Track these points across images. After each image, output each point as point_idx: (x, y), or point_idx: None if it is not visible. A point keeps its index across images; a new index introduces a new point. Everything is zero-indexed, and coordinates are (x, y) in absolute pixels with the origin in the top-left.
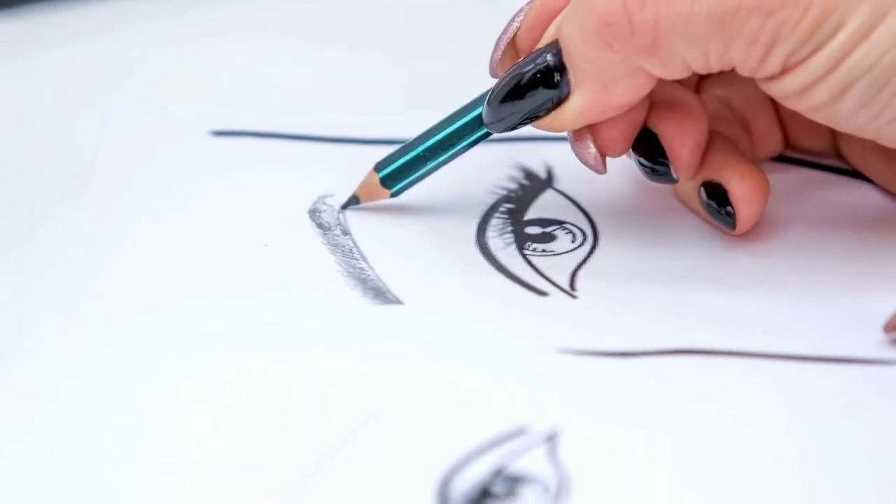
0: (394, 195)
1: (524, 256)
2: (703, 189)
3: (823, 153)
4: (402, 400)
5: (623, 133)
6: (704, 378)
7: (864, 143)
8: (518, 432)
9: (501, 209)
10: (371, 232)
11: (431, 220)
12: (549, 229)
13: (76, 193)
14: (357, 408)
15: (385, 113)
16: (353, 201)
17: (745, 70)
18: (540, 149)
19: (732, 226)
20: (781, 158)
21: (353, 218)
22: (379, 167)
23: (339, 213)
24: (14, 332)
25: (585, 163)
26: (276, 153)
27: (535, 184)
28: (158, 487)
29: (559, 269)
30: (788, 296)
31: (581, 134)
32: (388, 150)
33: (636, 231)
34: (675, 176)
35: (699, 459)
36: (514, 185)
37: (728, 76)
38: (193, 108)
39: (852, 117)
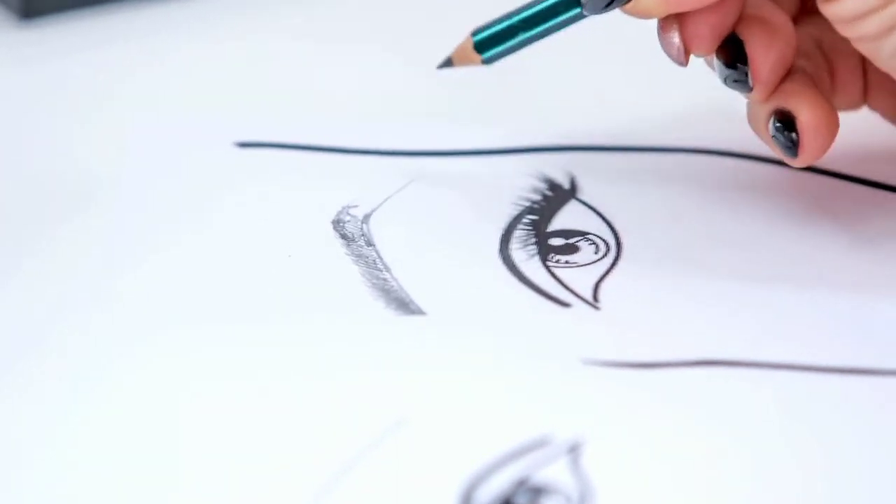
0: (486, 62)
1: (547, 268)
2: (773, 115)
3: (894, 116)
4: (425, 410)
5: (710, 31)
6: (727, 389)
7: None
8: (541, 443)
9: (525, 220)
10: (394, 243)
11: (455, 232)
12: (572, 240)
13: (97, 204)
14: (379, 418)
15: (410, 123)
16: (447, 63)
17: None
18: (564, 159)
19: (795, 153)
20: (806, 168)
21: (376, 229)
22: (475, 32)
23: (362, 224)
24: (31, 344)
25: (668, 54)
26: (301, 164)
27: (558, 195)
28: (188, 493)
29: (582, 280)
30: (815, 307)
31: (668, 24)
32: (412, 161)
33: (660, 242)
34: (750, 85)
35: (721, 471)
36: (537, 196)
37: (822, 19)
38: (218, 120)
39: (894, 56)
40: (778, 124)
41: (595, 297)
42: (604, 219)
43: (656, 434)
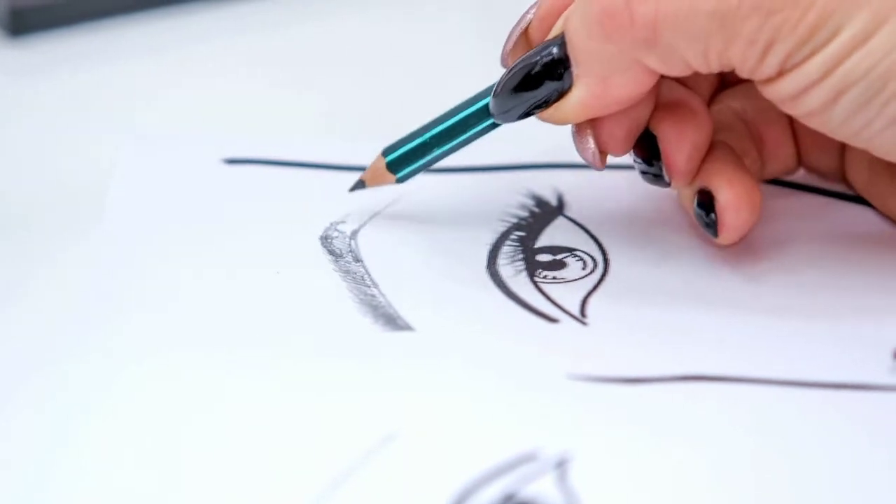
0: (399, 181)
1: (535, 284)
2: (696, 196)
3: (832, 174)
4: (413, 426)
5: (624, 131)
6: (714, 405)
7: (869, 166)
8: (528, 458)
9: (512, 237)
10: (383, 259)
11: (443, 248)
12: (559, 256)
13: (83, 221)
14: (368, 434)
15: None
16: (360, 185)
17: (743, 71)
18: (551, 176)
19: (714, 233)
20: (792, 185)
21: (364, 245)
22: (386, 152)
23: (350, 240)
24: (26, 356)
25: (584, 157)
26: (289, 181)
27: (545, 211)
28: None
29: (570, 296)
30: (799, 321)
31: (582, 129)
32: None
33: (647, 258)
34: (667, 180)
35: (708, 485)
36: (525, 213)
37: (744, 90)
38: (206, 137)
39: (845, 124)
40: (699, 206)
41: (582, 313)
42: (591, 235)
43: (643, 449)
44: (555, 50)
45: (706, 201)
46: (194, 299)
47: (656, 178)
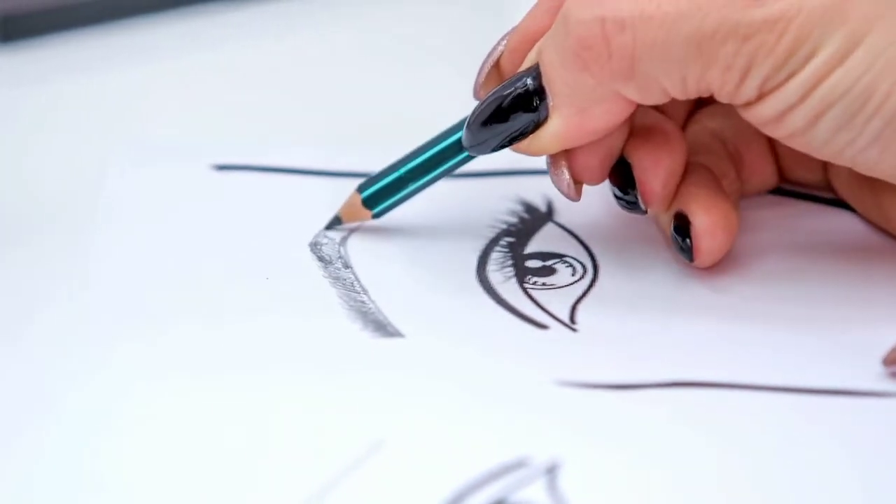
0: (375, 216)
1: (524, 290)
2: (672, 220)
3: (816, 185)
4: (403, 433)
5: (599, 161)
6: (703, 411)
7: (850, 175)
8: (518, 464)
9: (502, 243)
10: (372, 265)
11: (432, 254)
12: (549, 263)
13: (75, 226)
14: (357, 441)
15: (387, 146)
16: (336, 222)
17: (722, 96)
18: (540, 182)
19: (690, 258)
20: (779, 191)
21: (354, 251)
22: (361, 188)
23: (339, 246)
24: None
25: (560, 189)
26: (278, 187)
27: (535, 217)
28: None
29: (559, 302)
30: (788, 327)
31: (557, 160)
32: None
33: (636, 264)
34: (643, 207)
35: (697, 492)
36: (514, 219)
37: (720, 108)
38: (195, 143)
39: (827, 143)
40: (675, 229)
41: (572, 319)
42: (580, 241)
43: (633, 455)
44: (529, 81)
45: (682, 226)
46: (183, 305)
47: (632, 205)
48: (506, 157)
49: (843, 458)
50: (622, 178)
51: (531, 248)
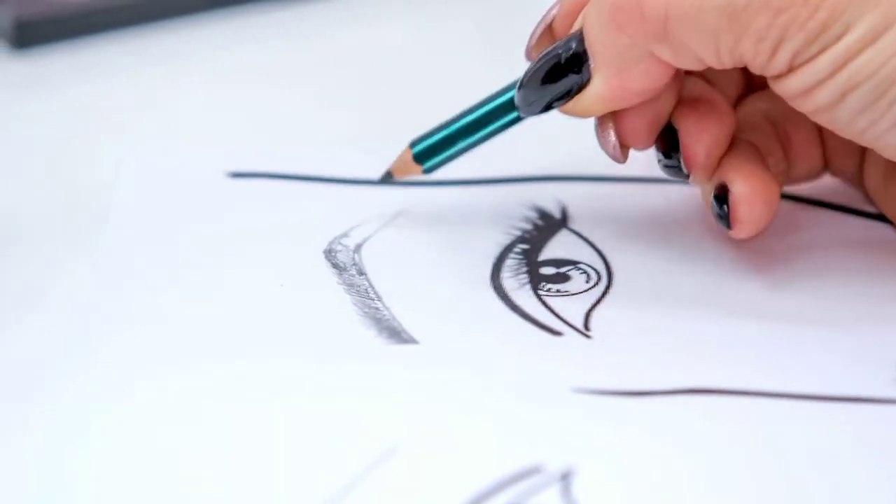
0: (426, 171)
1: (539, 297)
2: (714, 189)
3: (854, 178)
4: (417, 439)
5: (646, 125)
6: (718, 417)
7: (885, 172)
8: (532, 471)
9: (516, 250)
10: (386, 272)
11: (447, 261)
12: (563, 269)
13: (92, 235)
14: (372, 447)
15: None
16: (388, 177)
17: (755, 67)
18: (555, 189)
19: (728, 225)
20: (798, 199)
21: (368, 258)
22: (413, 144)
23: (354, 253)
24: (29, 369)
25: (606, 151)
26: (293, 194)
27: (549, 224)
28: None
29: (573, 309)
30: (803, 334)
31: (604, 121)
32: (404, 191)
33: (650, 271)
34: (685, 172)
35: (712, 499)
36: (528, 226)
37: (772, 92)
38: (210, 151)
39: (852, 122)
40: (715, 198)
41: (586, 326)
42: (595, 248)
43: (647, 462)
44: (574, 44)
45: (722, 195)
46: (198, 312)
47: (675, 170)
48: (520, 164)
49: (864, 466)
50: (668, 143)
51: (545, 254)
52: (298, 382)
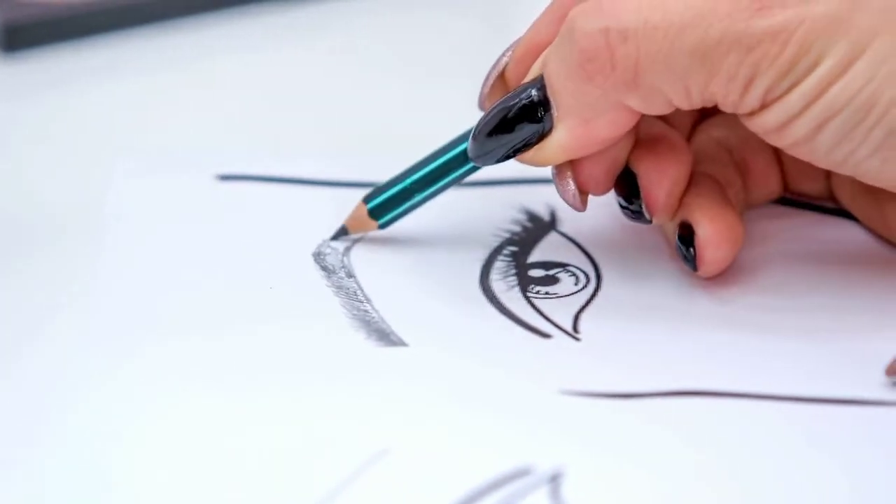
0: (381, 227)
1: (528, 299)
2: (677, 229)
3: (820, 196)
4: (406, 441)
5: (604, 170)
6: (707, 420)
7: (853, 185)
8: (521, 473)
9: (505, 252)
10: (375, 274)
11: (436, 263)
12: (552, 272)
13: (78, 237)
14: (360, 449)
15: (391, 156)
16: (342, 232)
17: (726, 105)
18: (543, 191)
19: (694, 267)
20: (782, 201)
21: (357, 261)
22: (367, 199)
23: (343, 256)
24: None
25: (565, 199)
26: (282, 197)
27: (538, 226)
28: None
29: (562, 311)
30: (790, 336)
31: (562, 170)
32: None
33: (639, 273)
34: (647, 217)
35: (700, 501)
36: (517, 228)
37: (726, 118)
38: (199, 153)
39: (830, 153)
40: (679, 238)
41: (575, 328)
42: (583, 250)
43: (636, 464)
44: (534, 92)
45: (686, 235)
46: (187, 315)
47: (637, 215)
48: (509, 167)
49: (853, 467)
50: (627, 187)
51: (534, 257)
52: (288, 385)
